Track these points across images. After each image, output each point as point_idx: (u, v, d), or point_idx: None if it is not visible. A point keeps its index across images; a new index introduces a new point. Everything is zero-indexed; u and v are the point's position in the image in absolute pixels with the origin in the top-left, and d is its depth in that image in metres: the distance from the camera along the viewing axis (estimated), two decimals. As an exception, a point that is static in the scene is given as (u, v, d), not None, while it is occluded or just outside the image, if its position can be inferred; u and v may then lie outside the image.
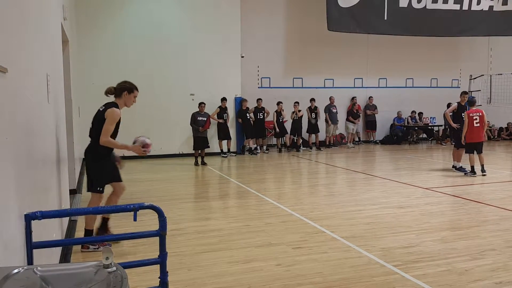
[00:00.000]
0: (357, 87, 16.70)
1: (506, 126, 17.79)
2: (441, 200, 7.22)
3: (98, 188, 4.80)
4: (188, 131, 12.22)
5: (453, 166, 10.11)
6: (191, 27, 13.39)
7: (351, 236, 5.17)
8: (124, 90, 4.93)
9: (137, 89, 5.11)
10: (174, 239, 5.03)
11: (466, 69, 17.13)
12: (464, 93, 10.31)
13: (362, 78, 16.76)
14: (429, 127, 17.09)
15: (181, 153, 13.28)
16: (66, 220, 5.35)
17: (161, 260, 2.82)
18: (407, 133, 16.88)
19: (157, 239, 2.81)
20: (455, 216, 6.23)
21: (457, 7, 15.62)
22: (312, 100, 14.82)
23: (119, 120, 4.78)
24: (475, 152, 9.42)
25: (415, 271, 4.09)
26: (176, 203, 7.18)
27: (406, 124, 16.95)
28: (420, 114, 16.87)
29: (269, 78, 15.55)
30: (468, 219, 6.06)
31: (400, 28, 15.19)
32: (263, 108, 14.08)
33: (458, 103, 10.12)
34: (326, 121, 15.30)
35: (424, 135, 17.36)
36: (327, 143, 15.53)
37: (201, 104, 12.01)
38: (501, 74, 15.76)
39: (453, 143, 10.71)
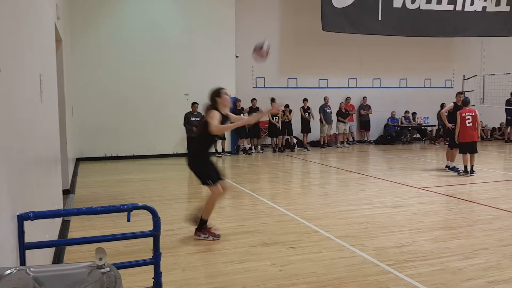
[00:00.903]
0: (351, 87, 16.77)
1: (498, 126, 17.91)
2: (435, 200, 7.26)
3: (209, 182, 5.09)
4: (183, 131, 12.21)
5: (447, 166, 10.16)
6: (185, 27, 13.37)
7: (345, 236, 5.19)
8: (214, 97, 5.18)
9: (222, 89, 5.28)
10: (168, 239, 5.02)
11: (459, 69, 17.27)
12: (459, 93, 10.36)
13: (356, 78, 16.83)
14: (423, 127, 17.18)
15: (175, 153, 13.25)
16: (59, 220, 5.32)
17: (155, 260, 2.81)
18: (400, 133, 16.96)
19: (151, 239, 2.80)
20: (448, 216, 6.26)
21: (451, 7, 15.70)
22: (305, 100, 14.85)
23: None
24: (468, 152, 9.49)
25: (409, 270, 4.11)
26: (170, 203, 7.17)
27: (399, 124, 17.04)
28: (414, 114, 16.95)
29: (264, 78, 15.56)
30: (461, 219, 6.09)
31: (394, 29, 15.26)
32: (257, 108, 14.09)
33: (454, 103, 10.16)
34: (321, 121, 15.34)
35: (418, 135, 17.45)
36: (322, 143, 15.56)
37: (194, 104, 11.99)
38: (493, 74, 15.89)
39: (447, 143, 10.76)
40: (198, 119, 11.78)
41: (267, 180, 9.80)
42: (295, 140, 15.18)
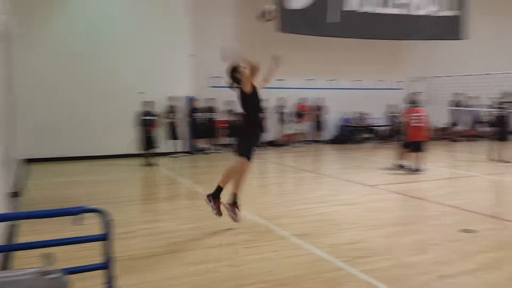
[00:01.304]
0: (308, 88, 17.01)
1: (445, 126, 18.70)
2: (386, 197, 7.48)
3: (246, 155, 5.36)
4: (135, 131, 11.92)
5: (398, 165, 10.51)
6: (138, 24, 13.10)
7: (301, 234, 5.25)
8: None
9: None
10: (124, 242, 4.89)
11: (409, 71, 17.90)
12: (412, 94, 10.80)
13: (313, 79, 17.10)
14: (375, 127, 17.70)
15: (128, 153, 12.94)
16: (2, 225, 5.06)
17: (107, 264, 2.73)
18: (354, 133, 17.39)
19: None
20: (400, 213, 6.47)
21: (404, 11, 16.27)
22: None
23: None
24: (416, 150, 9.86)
25: (362, 266, 4.21)
26: (124, 205, 6.99)
27: (353, 124, 17.47)
28: (367, 114, 17.44)
29: (219, 77, 15.49)
30: (411, 215, 6.32)
31: (351, 31, 15.58)
32: (213, 108, 14.01)
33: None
34: (278, 121, 15.47)
35: (370, 135, 17.94)
36: (278, 143, 15.70)
37: (148, 103, 11.77)
38: (440, 76, 16.60)
39: (399, 142, 11.13)
40: (153, 118, 11.56)
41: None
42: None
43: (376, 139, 17.70)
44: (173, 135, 13.07)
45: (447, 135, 18.51)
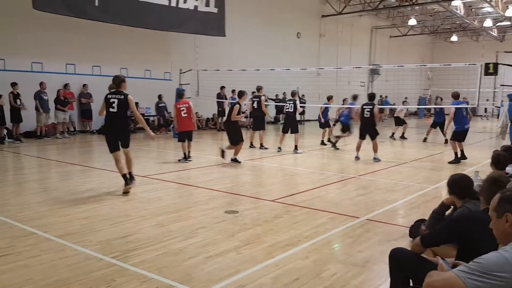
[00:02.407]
0: (69, 73, 15.73)
1: (211, 116, 20.10)
2: (158, 187, 7.55)
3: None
4: None
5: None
6: None
7: (66, 234, 4.82)
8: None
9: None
10: None
11: (176, 63, 18.41)
12: (180, 86, 11.09)
13: (75, 64, 15.88)
14: (145, 117, 17.68)
15: None
16: None
17: None
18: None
19: None
20: (170, 200, 6.61)
21: (166, 2, 16.19)
22: (15, 84, 13.18)
23: None
24: (186, 140, 10.29)
25: (134, 259, 4.12)
26: None
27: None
28: (137, 103, 17.23)
29: None
30: (181, 202, 6.54)
31: (112, 16, 14.77)
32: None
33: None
34: (37, 109, 13.88)
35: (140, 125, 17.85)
36: (39, 134, 14.11)
37: None
38: (206, 70, 17.66)
39: (168, 132, 11.38)
40: None
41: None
42: (5, 131, 13.26)
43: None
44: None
45: (213, 125, 19.93)
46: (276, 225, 5.35)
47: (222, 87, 18.75)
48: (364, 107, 10.91)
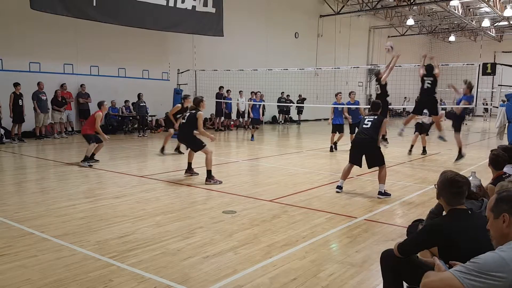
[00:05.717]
0: (67, 73, 15.70)
1: (209, 117, 20.07)
2: (155, 187, 7.53)
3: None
4: None
5: (161, 150, 11.01)
6: None
7: (64, 234, 4.81)
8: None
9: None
10: None
11: (174, 63, 18.38)
12: (186, 96, 11.16)
13: (72, 64, 15.85)
14: (145, 117, 17.63)
15: None
16: None
17: None
18: (122, 123, 16.96)
19: None
20: (168, 200, 6.60)
21: (164, 2, 16.08)
22: (17, 84, 13.19)
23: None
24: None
25: (131, 259, 4.12)
26: None
27: (120, 113, 17.01)
28: (134, 104, 17.16)
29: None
30: (179, 202, 6.53)
31: (109, 16, 14.70)
32: None
33: (181, 103, 10.99)
34: (35, 109, 13.85)
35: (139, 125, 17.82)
36: (38, 134, 14.09)
37: None
38: (204, 70, 17.65)
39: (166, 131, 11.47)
40: None
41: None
42: (2, 131, 13.23)
43: (145, 128, 17.67)
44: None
45: (211, 125, 19.91)
46: (273, 225, 5.35)
47: (221, 87, 18.74)
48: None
